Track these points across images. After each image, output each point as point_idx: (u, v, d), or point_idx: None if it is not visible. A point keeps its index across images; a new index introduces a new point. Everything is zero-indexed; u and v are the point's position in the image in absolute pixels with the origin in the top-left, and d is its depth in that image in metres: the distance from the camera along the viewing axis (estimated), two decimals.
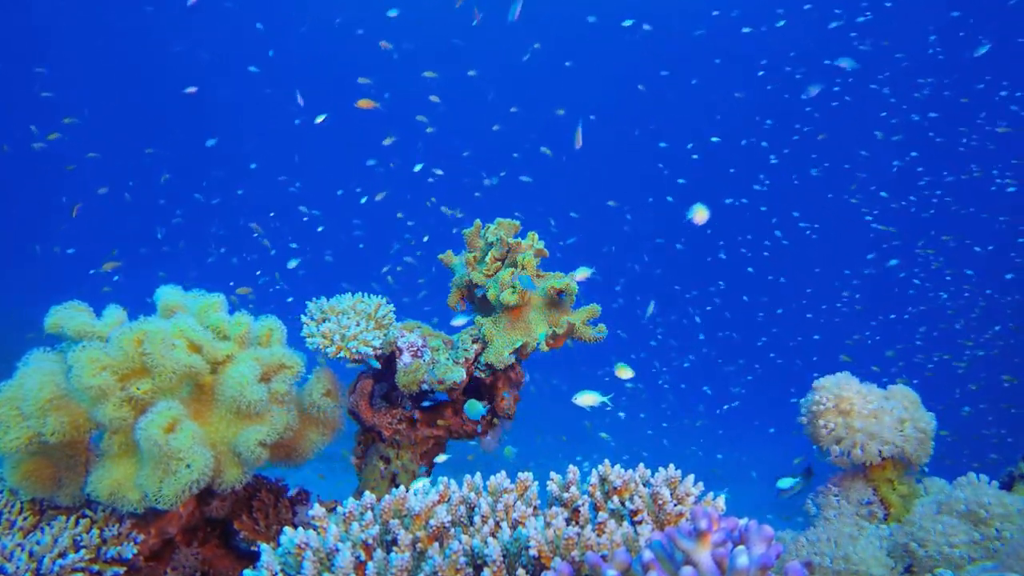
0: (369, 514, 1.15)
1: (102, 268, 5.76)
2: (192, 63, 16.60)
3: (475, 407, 1.75)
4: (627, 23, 7.58)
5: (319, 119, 4.91)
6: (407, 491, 1.16)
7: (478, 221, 1.89)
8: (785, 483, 2.04)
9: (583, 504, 1.12)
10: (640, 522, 1.09)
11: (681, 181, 12.50)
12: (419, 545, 1.06)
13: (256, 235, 7.32)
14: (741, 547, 0.77)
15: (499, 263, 1.80)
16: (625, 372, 2.04)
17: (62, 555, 1.38)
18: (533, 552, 0.97)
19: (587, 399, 1.83)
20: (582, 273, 1.87)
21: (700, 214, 2.10)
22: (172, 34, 16.20)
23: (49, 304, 1.48)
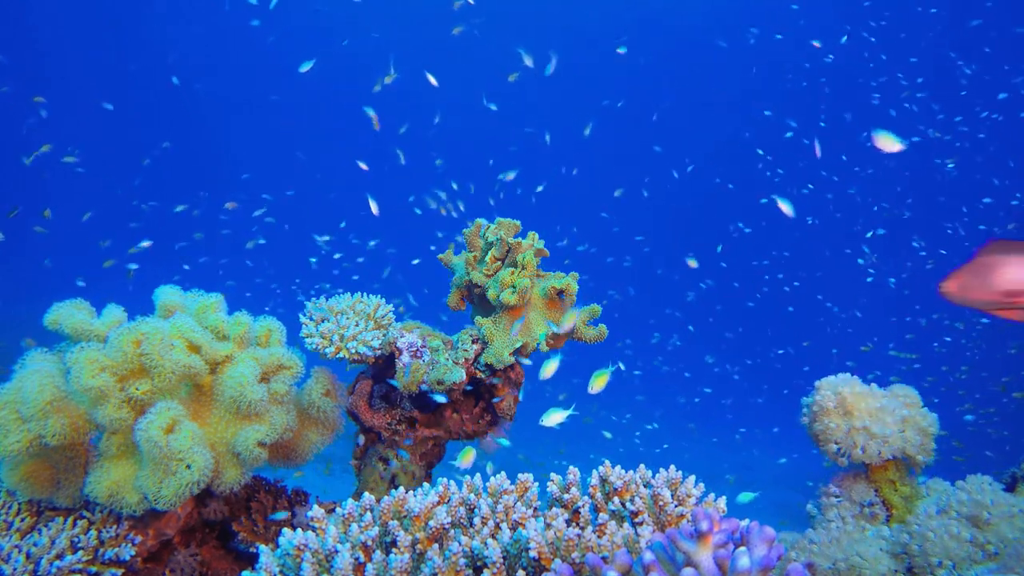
0: (368, 515, 1.14)
1: (128, 273, 5.71)
2: (186, 68, 16.61)
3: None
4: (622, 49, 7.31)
5: (362, 165, 4.80)
6: (406, 492, 1.15)
7: (478, 220, 1.88)
8: (745, 498, 2.01)
9: (584, 505, 1.11)
10: (641, 523, 1.08)
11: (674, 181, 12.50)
12: (419, 547, 1.06)
13: (230, 209, 7.23)
14: (742, 548, 0.76)
15: (499, 263, 1.79)
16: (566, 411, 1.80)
17: (60, 556, 1.38)
18: (533, 554, 0.96)
19: (555, 418, 1.76)
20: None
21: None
22: (165, 38, 16.22)
23: (27, 304, 1.48)
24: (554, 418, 1.71)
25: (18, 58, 15.30)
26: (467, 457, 1.68)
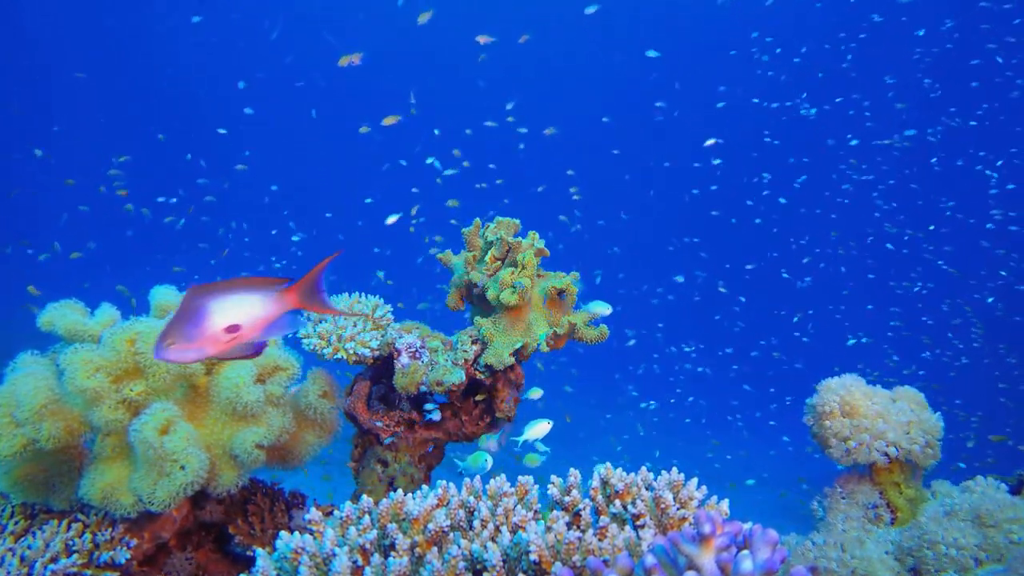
0: (366, 518, 1.13)
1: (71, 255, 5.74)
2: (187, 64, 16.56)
3: (479, 459, 1.72)
4: (591, 9, 6.97)
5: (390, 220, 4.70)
6: (405, 495, 1.14)
7: (477, 220, 1.87)
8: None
9: (584, 508, 1.10)
10: (643, 526, 1.06)
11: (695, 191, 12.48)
12: (417, 550, 1.04)
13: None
14: (745, 552, 0.75)
15: (499, 262, 1.78)
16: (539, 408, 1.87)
17: (54, 560, 1.36)
18: (534, 557, 0.95)
19: (540, 429, 1.73)
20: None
21: None
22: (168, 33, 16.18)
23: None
24: (538, 430, 1.74)
25: (15, 58, 15.32)
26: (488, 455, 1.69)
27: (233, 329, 1.05)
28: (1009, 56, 11.30)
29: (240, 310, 1.05)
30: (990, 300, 10.84)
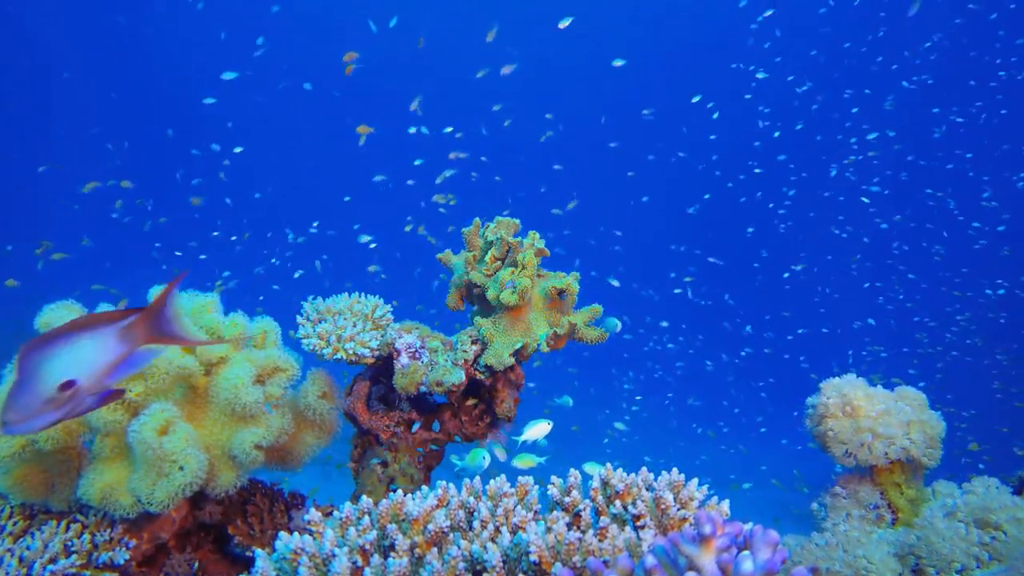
0: (366, 519, 1.12)
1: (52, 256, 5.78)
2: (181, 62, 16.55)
3: (476, 458, 1.72)
4: (564, 22, 6.88)
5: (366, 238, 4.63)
6: (404, 495, 1.13)
7: (477, 219, 1.87)
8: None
9: (585, 508, 1.09)
10: (643, 527, 1.06)
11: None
12: (417, 551, 1.04)
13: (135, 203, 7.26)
14: (746, 552, 0.75)
15: (499, 262, 1.78)
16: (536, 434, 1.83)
17: (53, 560, 1.36)
18: (534, 558, 0.95)
19: (538, 430, 1.76)
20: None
21: None
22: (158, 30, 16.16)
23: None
24: (538, 430, 1.75)
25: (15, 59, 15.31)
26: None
27: (68, 386, 0.89)
28: (1005, 56, 11.33)
29: (73, 362, 0.89)
30: (988, 294, 10.84)
